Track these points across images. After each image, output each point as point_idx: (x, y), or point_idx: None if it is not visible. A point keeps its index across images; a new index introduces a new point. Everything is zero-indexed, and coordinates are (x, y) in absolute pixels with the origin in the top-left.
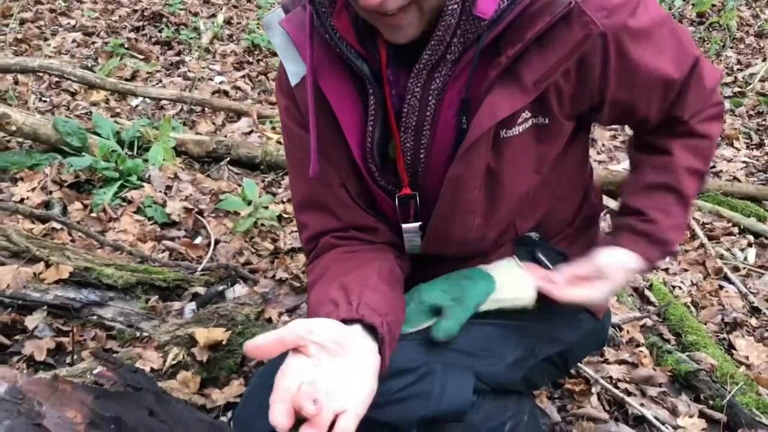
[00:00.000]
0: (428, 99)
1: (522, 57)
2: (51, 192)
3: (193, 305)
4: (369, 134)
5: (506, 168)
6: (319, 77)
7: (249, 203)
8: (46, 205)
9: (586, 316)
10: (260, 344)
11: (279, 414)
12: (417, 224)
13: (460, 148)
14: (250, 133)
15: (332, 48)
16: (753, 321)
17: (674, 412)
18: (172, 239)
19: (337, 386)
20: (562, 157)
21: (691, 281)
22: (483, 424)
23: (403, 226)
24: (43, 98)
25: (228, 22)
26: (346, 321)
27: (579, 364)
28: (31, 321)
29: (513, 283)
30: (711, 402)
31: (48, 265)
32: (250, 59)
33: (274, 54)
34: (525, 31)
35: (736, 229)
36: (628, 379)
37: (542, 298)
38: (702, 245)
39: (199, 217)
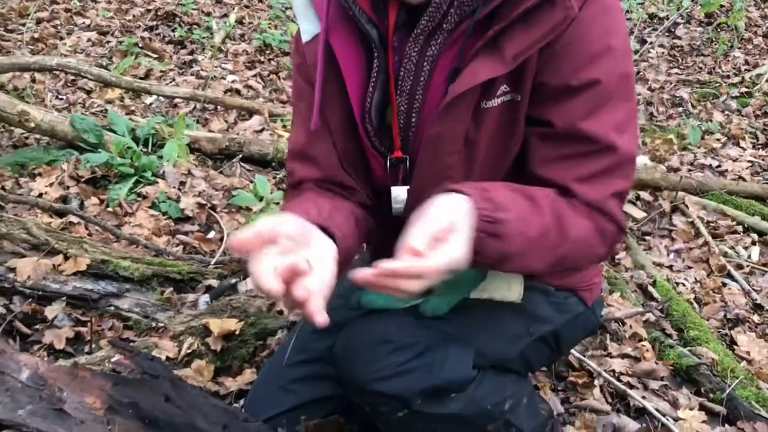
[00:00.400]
0: (423, 65)
1: (506, 31)
2: (68, 187)
3: (206, 297)
4: (369, 95)
5: (483, 137)
6: (331, 35)
7: (261, 199)
8: (64, 199)
9: (573, 300)
10: (242, 239)
11: (271, 280)
12: (405, 188)
13: (439, 107)
14: (261, 130)
15: (346, 10)
16: (755, 318)
17: (675, 404)
18: (186, 233)
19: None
20: None
21: (695, 278)
22: (484, 398)
23: (392, 188)
24: (60, 96)
25: (240, 21)
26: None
27: (582, 357)
28: (50, 311)
29: (502, 277)
30: (711, 395)
31: (66, 258)
32: (262, 58)
33: (285, 53)
34: (514, 9)
35: (740, 228)
36: (630, 373)
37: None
38: (706, 243)
39: (212, 213)
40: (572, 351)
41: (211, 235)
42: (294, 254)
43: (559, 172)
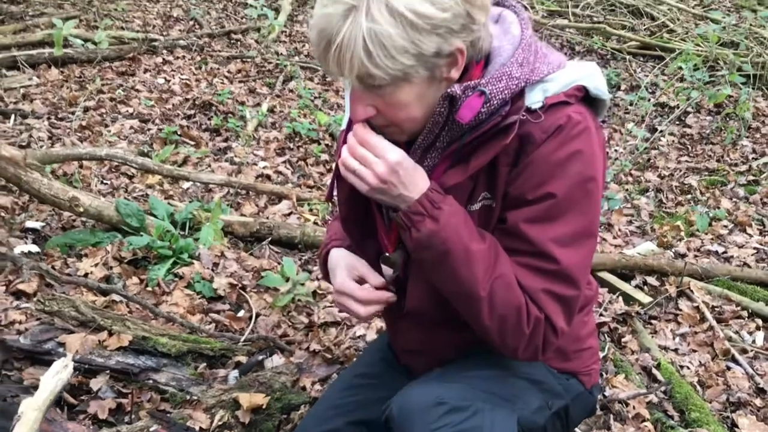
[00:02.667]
0: None
1: (476, 150)
2: (111, 267)
3: (236, 373)
4: None
5: None
6: None
7: (287, 280)
8: (107, 279)
9: (574, 381)
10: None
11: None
12: (390, 270)
13: None
14: (289, 214)
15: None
16: (758, 401)
17: None
18: (218, 312)
19: None
20: None
21: (699, 362)
22: None
23: (382, 265)
24: (105, 181)
25: (271, 110)
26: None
27: None
28: (95, 383)
29: None
30: None
31: (111, 334)
32: (291, 146)
33: (313, 141)
34: (482, 134)
35: (745, 313)
36: None
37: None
38: (711, 327)
39: (242, 292)
40: (576, 430)
41: (241, 313)
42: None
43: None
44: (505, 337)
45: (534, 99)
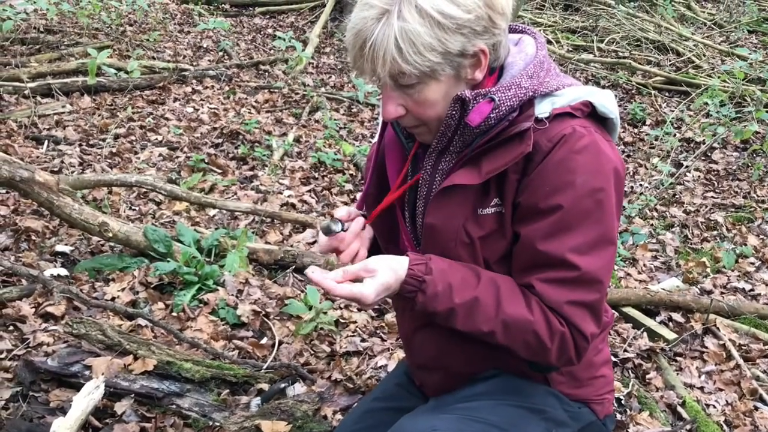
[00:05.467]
0: (435, 176)
1: (487, 154)
2: (138, 292)
3: (258, 400)
4: (406, 192)
5: (482, 236)
6: (386, 142)
7: (310, 308)
8: (133, 303)
9: (586, 410)
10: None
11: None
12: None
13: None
14: (313, 243)
15: (396, 134)
16: None
17: None
18: (241, 339)
19: None
20: None
21: (726, 401)
22: None
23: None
24: (133, 207)
25: (297, 140)
26: None
27: None
28: (120, 407)
29: None
30: None
31: (136, 358)
32: (316, 175)
33: (338, 171)
34: (496, 139)
35: None
36: None
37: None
38: (738, 366)
39: (266, 320)
40: None
41: (264, 341)
42: None
43: (525, 275)
44: (535, 356)
45: (542, 109)
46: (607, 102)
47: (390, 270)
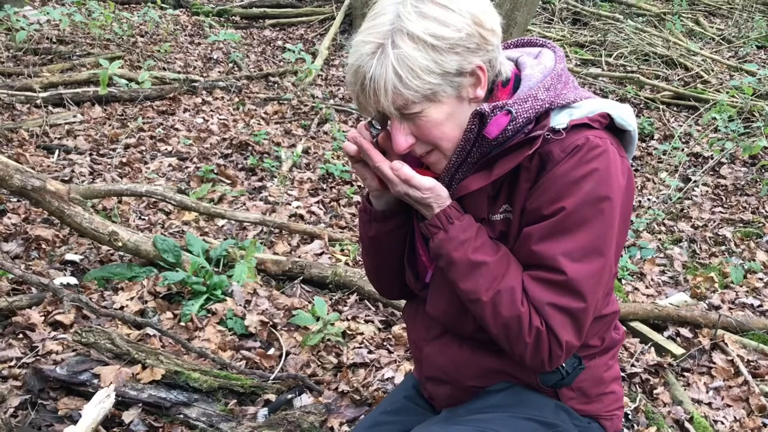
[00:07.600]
0: (452, 185)
1: (498, 159)
2: (146, 301)
3: (265, 410)
4: None
5: (493, 239)
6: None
7: (318, 319)
8: (142, 313)
9: (595, 426)
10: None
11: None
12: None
13: None
14: (321, 254)
15: None
16: None
17: None
18: (249, 349)
19: None
20: None
21: (734, 417)
22: None
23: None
24: (142, 216)
25: (306, 151)
26: None
27: None
28: (127, 416)
29: None
30: None
31: (144, 367)
32: (324, 186)
33: (346, 182)
34: (507, 147)
35: None
36: None
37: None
38: (746, 382)
39: (273, 330)
40: None
41: (271, 351)
42: None
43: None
44: (510, 344)
45: (559, 120)
46: (625, 114)
47: (442, 189)
